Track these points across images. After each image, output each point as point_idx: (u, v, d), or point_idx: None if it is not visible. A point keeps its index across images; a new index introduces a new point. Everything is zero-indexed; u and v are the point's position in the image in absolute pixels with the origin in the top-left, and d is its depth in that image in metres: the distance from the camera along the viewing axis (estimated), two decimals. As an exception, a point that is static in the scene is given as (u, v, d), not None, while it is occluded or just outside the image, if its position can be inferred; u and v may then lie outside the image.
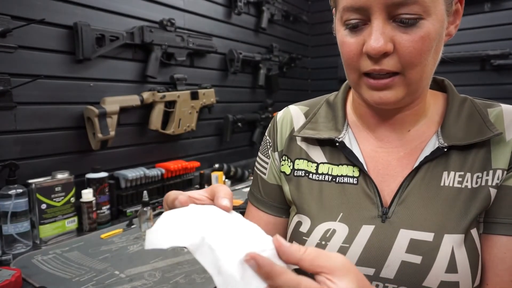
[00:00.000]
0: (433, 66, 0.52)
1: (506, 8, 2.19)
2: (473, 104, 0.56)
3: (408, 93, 0.51)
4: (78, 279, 0.89)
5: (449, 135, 0.54)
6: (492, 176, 0.52)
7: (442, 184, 0.53)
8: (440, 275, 0.49)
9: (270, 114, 2.32)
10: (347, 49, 0.51)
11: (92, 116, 1.30)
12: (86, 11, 1.34)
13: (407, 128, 0.57)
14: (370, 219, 0.54)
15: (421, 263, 0.50)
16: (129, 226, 1.26)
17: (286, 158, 0.64)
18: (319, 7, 2.91)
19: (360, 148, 0.59)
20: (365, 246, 0.53)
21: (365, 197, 0.55)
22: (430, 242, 0.50)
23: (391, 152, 0.58)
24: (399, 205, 0.54)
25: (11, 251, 1.07)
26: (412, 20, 0.46)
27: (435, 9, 0.47)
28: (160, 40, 1.57)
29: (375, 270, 0.52)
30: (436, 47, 0.49)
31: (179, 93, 1.65)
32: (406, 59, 0.47)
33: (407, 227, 0.52)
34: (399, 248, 0.51)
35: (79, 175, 1.31)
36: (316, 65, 2.97)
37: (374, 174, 0.57)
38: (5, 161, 1.10)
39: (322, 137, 0.59)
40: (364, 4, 0.46)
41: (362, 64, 0.50)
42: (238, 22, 2.13)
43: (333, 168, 0.59)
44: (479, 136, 0.52)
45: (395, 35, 0.47)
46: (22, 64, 1.18)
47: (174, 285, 0.85)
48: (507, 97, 2.21)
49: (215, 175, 1.82)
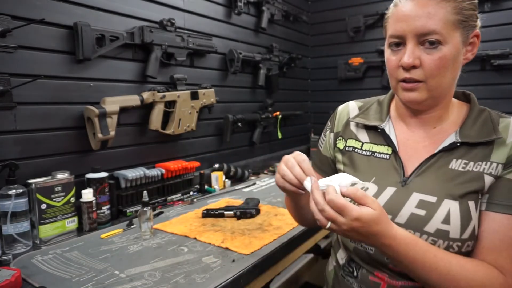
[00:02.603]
0: (451, 80, 0.73)
1: (506, 8, 2.18)
2: (489, 114, 0.76)
3: (429, 97, 0.73)
4: (78, 279, 0.89)
5: (464, 134, 0.74)
6: (488, 166, 0.72)
7: (450, 167, 0.74)
8: (437, 224, 0.71)
9: (270, 114, 2.32)
10: (390, 64, 0.75)
11: (92, 116, 1.30)
12: (86, 11, 1.34)
13: (433, 125, 0.79)
14: (394, 183, 0.78)
15: (424, 215, 0.72)
16: (129, 226, 1.26)
17: (342, 138, 0.91)
18: (319, 7, 2.91)
19: (396, 134, 0.83)
20: (387, 201, 0.76)
21: (393, 169, 0.79)
22: (433, 203, 0.72)
23: (418, 141, 0.80)
24: (416, 177, 0.76)
25: (11, 251, 1.07)
26: (434, 45, 0.69)
27: (451, 40, 0.69)
28: (160, 40, 1.57)
29: (392, 216, 0.74)
30: (453, 66, 0.71)
31: (179, 93, 1.65)
32: (428, 71, 0.70)
33: (419, 191, 0.74)
34: (410, 204, 0.74)
35: (79, 175, 1.31)
36: (316, 65, 2.97)
37: (402, 154, 0.80)
38: (5, 161, 1.10)
39: (370, 123, 0.85)
40: (402, 34, 0.71)
41: (399, 74, 0.74)
42: (238, 22, 2.13)
43: (373, 146, 0.84)
44: (486, 138, 0.72)
45: (421, 55, 0.70)
46: (22, 64, 1.18)
47: (174, 285, 0.85)
48: (507, 97, 2.21)
49: (215, 175, 1.82)
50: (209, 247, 1.07)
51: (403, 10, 0.71)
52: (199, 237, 1.14)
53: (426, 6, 0.68)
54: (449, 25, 0.68)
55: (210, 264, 0.96)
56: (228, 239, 1.12)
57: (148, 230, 1.16)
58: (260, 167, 2.32)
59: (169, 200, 1.59)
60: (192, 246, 1.09)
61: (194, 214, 1.38)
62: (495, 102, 2.24)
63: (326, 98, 2.92)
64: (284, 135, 2.57)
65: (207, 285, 0.85)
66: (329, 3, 2.85)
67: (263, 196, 1.62)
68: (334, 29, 2.83)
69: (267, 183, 1.92)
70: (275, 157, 2.49)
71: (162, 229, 1.23)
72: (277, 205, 1.49)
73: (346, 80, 2.77)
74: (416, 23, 0.69)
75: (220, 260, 0.99)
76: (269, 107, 2.34)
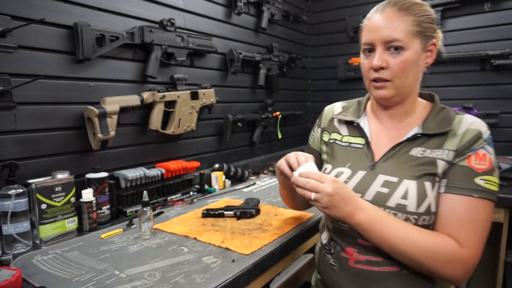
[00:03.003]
0: (414, 80, 0.90)
1: (506, 8, 2.18)
2: (448, 111, 0.91)
3: (396, 94, 0.89)
4: (78, 279, 0.89)
5: (425, 127, 0.90)
6: (441, 153, 0.86)
7: (410, 154, 0.89)
8: (397, 200, 0.85)
9: (270, 114, 2.32)
10: (364, 66, 0.92)
11: (92, 116, 1.30)
12: (86, 11, 1.34)
13: (401, 120, 0.95)
14: (364, 168, 0.94)
15: (387, 193, 0.87)
16: (129, 226, 1.26)
17: (327, 132, 1.08)
18: (319, 7, 2.91)
19: (369, 128, 0.99)
20: (358, 181, 0.93)
21: (364, 156, 0.96)
22: (395, 182, 0.87)
23: (387, 133, 0.96)
24: (383, 162, 0.92)
25: (11, 251, 1.07)
26: (397, 50, 0.86)
27: (412, 46, 0.86)
28: (160, 40, 1.57)
29: (361, 194, 0.90)
30: (414, 68, 0.88)
31: (179, 93, 1.65)
32: (393, 72, 0.87)
33: (383, 173, 0.90)
34: (376, 184, 0.90)
35: (79, 175, 1.31)
36: (316, 65, 2.97)
37: (374, 144, 0.97)
38: (5, 161, 1.10)
39: (348, 119, 1.03)
40: (373, 41, 0.88)
41: (371, 74, 0.90)
42: (238, 22, 2.13)
43: (351, 138, 1.01)
44: (441, 130, 0.87)
45: (388, 58, 0.87)
46: (22, 64, 1.18)
47: (174, 285, 0.85)
48: (507, 97, 2.21)
49: (215, 175, 1.82)
50: (209, 247, 1.07)
51: (373, 22, 0.88)
52: (199, 237, 1.14)
53: (392, 19, 0.85)
54: (409, 35, 0.85)
55: (210, 264, 0.96)
56: (228, 239, 1.12)
57: (148, 230, 1.16)
58: (260, 167, 2.32)
59: (169, 200, 1.59)
60: (192, 246, 1.09)
61: (194, 214, 1.38)
62: (495, 102, 2.24)
63: (326, 98, 2.92)
64: (284, 135, 2.57)
65: (207, 285, 0.85)
66: (329, 3, 2.85)
67: (263, 196, 1.62)
68: (334, 29, 2.83)
69: (267, 183, 1.92)
70: (275, 157, 2.49)
71: (162, 229, 1.23)
72: (277, 205, 1.49)
73: (346, 80, 2.77)
74: (384, 33, 0.85)
75: (220, 260, 0.99)
76: (269, 107, 2.34)
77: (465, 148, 0.84)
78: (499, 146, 2.22)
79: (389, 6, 0.87)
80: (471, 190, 0.82)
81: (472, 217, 0.81)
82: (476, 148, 0.84)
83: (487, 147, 0.84)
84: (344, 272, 0.93)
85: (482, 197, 0.81)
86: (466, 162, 0.84)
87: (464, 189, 0.82)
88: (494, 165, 0.84)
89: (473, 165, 0.83)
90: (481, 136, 0.85)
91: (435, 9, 2.34)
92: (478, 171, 0.82)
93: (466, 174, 0.83)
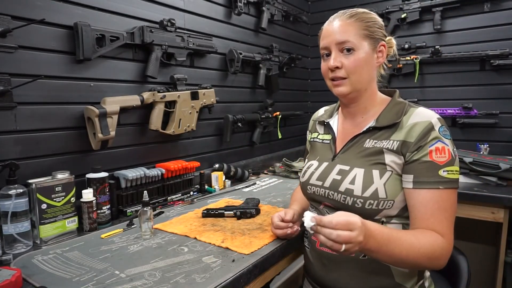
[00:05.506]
0: (368, 77, 1.01)
1: (506, 8, 2.18)
2: (403, 105, 0.99)
3: (353, 90, 1.00)
4: (78, 279, 0.89)
5: (378, 121, 1.00)
6: (387, 143, 0.95)
7: (364, 146, 1.00)
8: (346, 185, 0.97)
9: (270, 114, 2.32)
10: (323, 69, 1.05)
11: (92, 116, 1.30)
12: (86, 11, 1.35)
13: (361, 116, 1.06)
14: (327, 160, 1.07)
15: (339, 179, 0.99)
16: (129, 226, 1.26)
17: (311, 132, 1.24)
18: (319, 7, 2.92)
19: (337, 126, 1.13)
20: (321, 172, 1.05)
21: (329, 149, 1.10)
22: (346, 170, 0.99)
23: (349, 128, 1.07)
24: (342, 154, 1.04)
25: (11, 251, 1.07)
26: (349, 51, 0.98)
27: (362, 47, 0.97)
28: (160, 40, 1.57)
29: (322, 182, 1.03)
30: (367, 66, 0.99)
31: (179, 93, 1.66)
32: (348, 70, 0.98)
33: (340, 163, 1.02)
34: (333, 173, 1.02)
35: (79, 175, 1.31)
36: (316, 65, 2.97)
37: (338, 139, 1.09)
38: (5, 161, 1.10)
39: (322, 119, 1.19)
40: (328, 45, 1.00)
41: (329, 74, 1.02)
42: (238, 22, 2.13)
43: (324, 136, 1.15)
44: (390, 123, 0.97)
45: (342, 59, 0.98)
46: (22, 64, 1.18)
47: (174, 285, 0.85)
48: (506, 97, 2.21)
49: (215, 175, 1.82)
50: (209, 247, 1.07)
51: (328, 30, 1.01)
52: (199, 237, 1.14)
53: (343, 25, 0.98)
54: (358, 37, 0.97)
55: (210, 264, 0.96)
56: (228, 239, 1.12)
57: (148, 230, 1.16)
58: (260, 167, 2.32)
59: (169, 200, 1.59)
60: (192, 246, 1.09)
61: (194, 214, 1.38)
62: (495, 102, 2.24)
63: (326, 98, 2.89)
64: (284, 135, 2.57)
65: (207, 285, 0.85)
66: (329, 3, 2.85)
67: (263, 196, 1.63)
68: (334, 29, 2.82)
69: (267, 183, 1.92)
70: (275, 157, 2.49)
71: (162, 229, 1.23)
72: (277, 205, 1.49)
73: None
74: (336, 37, 0.98)
75: (220, 260, 0.99)
76: (269, 107, 2.34)
77: (419, 139, 0.91)
78: (499, 146, 2.22)
79: (340, 15, 1.01)
80: (436, 183, 0.89)
81: (442, 207, 0.88)
82: (434, 143, 0.90)
83: (443, 139, 0.91)
84: (313, 253, 1.08)
85: (447, 188, 0.89)
86: (428, 157, 0.90)
87: (430, 182, 0.89)
88: (453, 155, 0.91)
89: (434, 159, 0.90)
90: (432, 128, 0.91)
91: (435, 9, 2.34)
92: (440, 164, 0.89)
93: (429, 169, 0.90)
